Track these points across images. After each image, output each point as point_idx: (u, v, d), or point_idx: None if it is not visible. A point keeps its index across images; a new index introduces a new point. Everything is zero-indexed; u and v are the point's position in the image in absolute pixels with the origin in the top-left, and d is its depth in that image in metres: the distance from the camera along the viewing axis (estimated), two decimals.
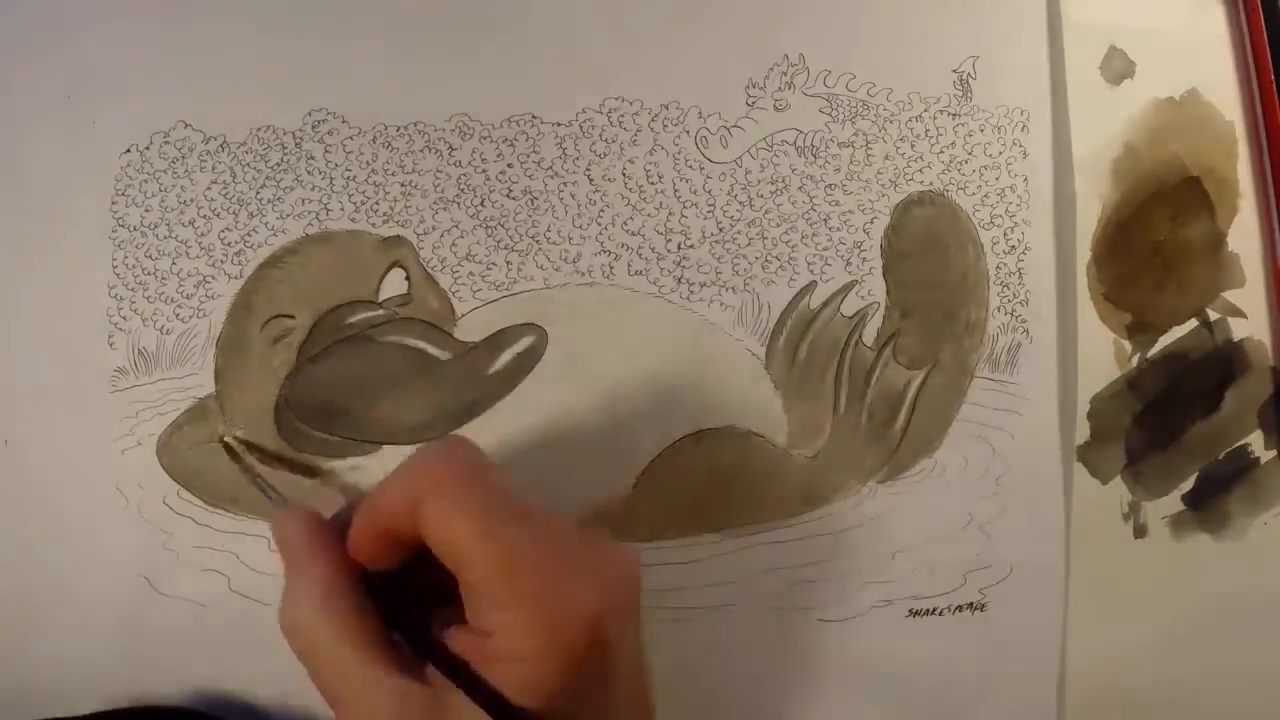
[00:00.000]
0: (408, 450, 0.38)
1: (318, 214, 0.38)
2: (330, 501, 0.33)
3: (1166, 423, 0.44)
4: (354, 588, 0.28)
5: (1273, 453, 0.45)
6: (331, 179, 0.38)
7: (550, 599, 0.25)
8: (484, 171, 0.38)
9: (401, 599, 0.29)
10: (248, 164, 0.37)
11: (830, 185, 0.41)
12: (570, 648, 0.25)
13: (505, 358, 0.38)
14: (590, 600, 0.26)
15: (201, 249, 0.37)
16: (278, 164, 0.37)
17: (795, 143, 0.40)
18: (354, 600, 0.28)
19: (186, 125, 0.37)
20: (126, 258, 0.37)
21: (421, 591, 0.28)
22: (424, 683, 0.26)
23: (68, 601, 0.36)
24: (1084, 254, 0.43)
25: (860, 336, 0.41)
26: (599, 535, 0.29)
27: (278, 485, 0.36)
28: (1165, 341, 0.44)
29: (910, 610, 0.41)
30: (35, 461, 0.36)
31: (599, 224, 0.39)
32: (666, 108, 0.39)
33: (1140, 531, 0.44)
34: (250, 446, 0.36)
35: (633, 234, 0.39)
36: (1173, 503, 0.44)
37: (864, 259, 0.41)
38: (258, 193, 0.37)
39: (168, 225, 0.37)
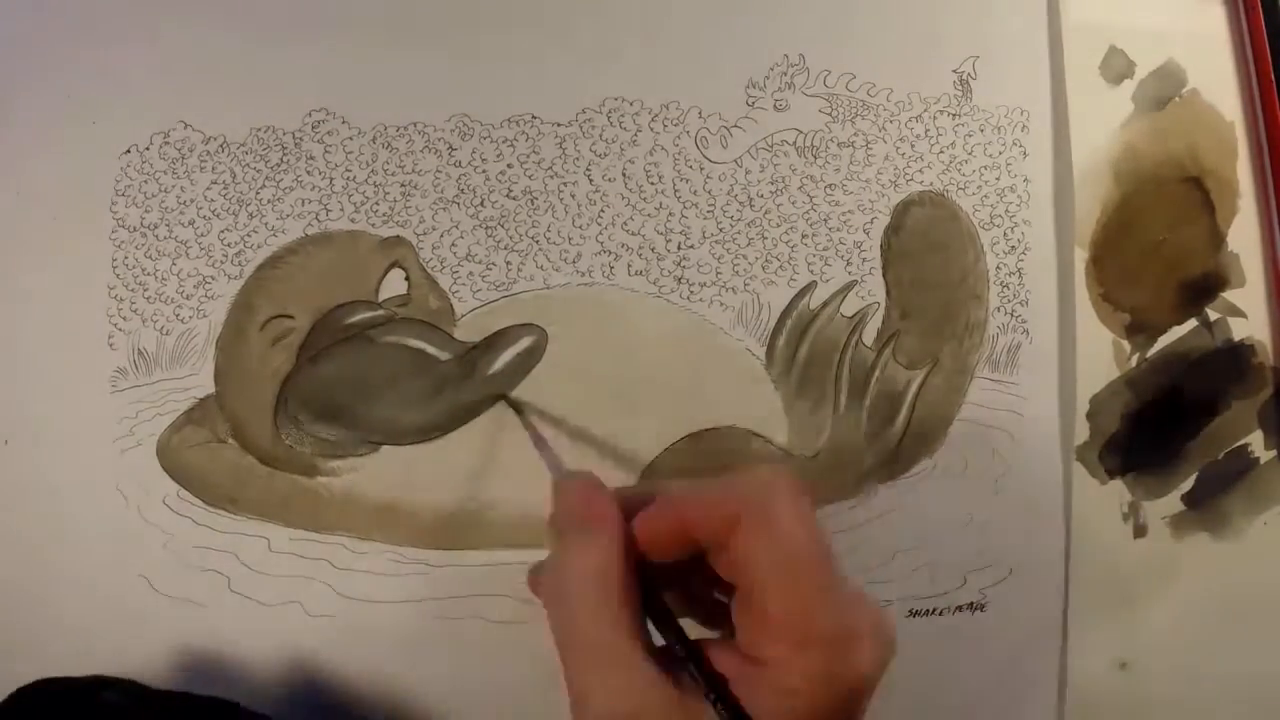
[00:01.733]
0: (408, 450, 0.38)
1: (317, 214, 0.38)
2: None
3: (1166, 423, 0.44)
4: (631, 570, 0.28)
5: (1273, 453, 0.45)
6: (331, 179, 0.38)
7: (840, 649, 0.25)
8: (484, 172, 0.38)
9: (667, 592, 0.29)
10: (248, 164, 0.37)
11: (830, 185, 0.41)
12: (839, 700, 0.25)
13: (505, 358, 0.38)
14: (870, 660, 0.26)
15: (201, 249, 0.37)
16: (278, 164, 0.37)
17: (795, 143, 0.40)
18: (629, 581, 0.27)
19: (186, 125, 0.37)
20: (126, 258, 0.37)
21: (687, 593, 0.28)
22: (672, 682, 0.26)
23: (68, 601, 0.36)
24: (1084, 254, 0.43)
25: (860, 336, 0.41)
26: (869, 596, 0.29)
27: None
28: (1165, 341, 0.44)
29: (910, 610, 0.41)
30: (35, 461, 0.36)
31: (599, 224, 0.39)
32: (666, 108, 0.39)
33: (1140, 531, 0.44)
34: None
35: (633, 234, 0.39)
36: (1173, 503, 0.44)
37: (864, 259, 0.41)
38: (258, 193, 0.37)
39: (168, 226, 0.37)
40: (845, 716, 0.26)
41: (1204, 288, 0.44)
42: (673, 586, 0.30)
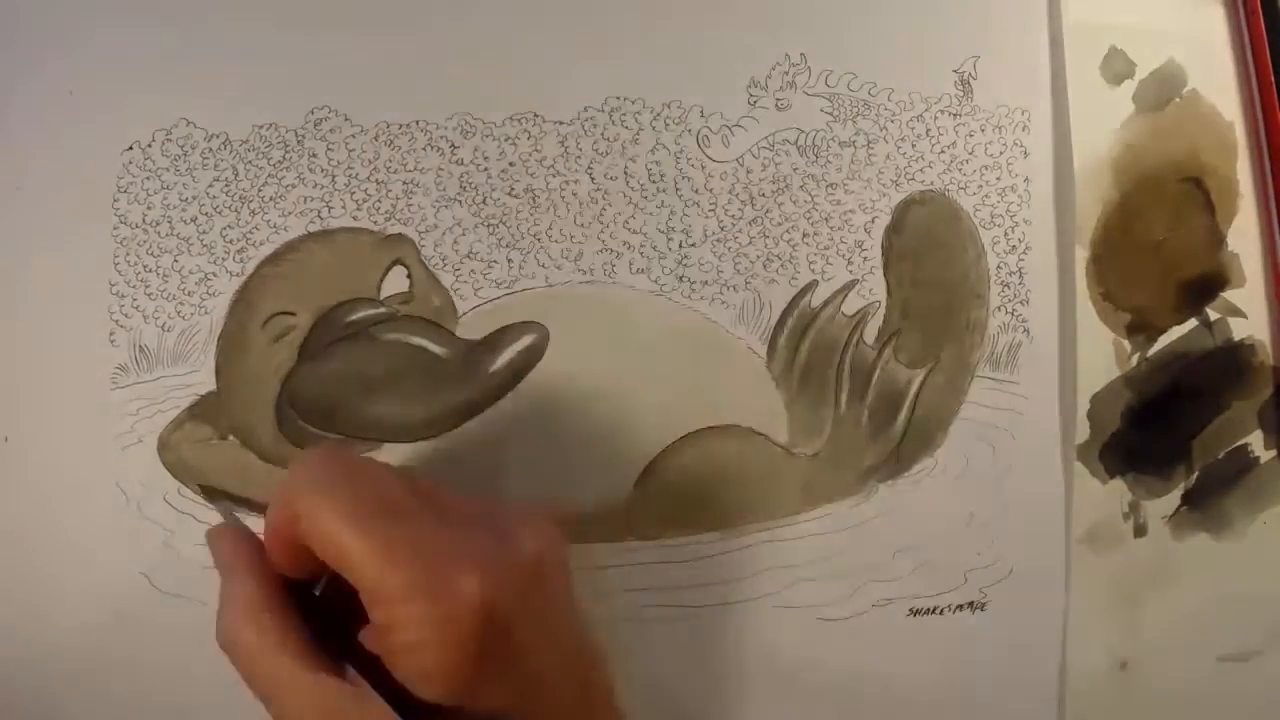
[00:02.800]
0: (409, 448, 0.38)
1: (319, 212, 0.38)
2: None
3: (1166, 422, 0.44)
4: (278, 597, 0.28)
5: (1273, 453, 0.45)
6: (334, 177, 0.38)
7: (432, 591, 0.25)
8: (486, 170, 0.38)
9: (330, 607, 0.29)
10: (250, 161, 0.37)
11: (831, 184, 0.41)
12: (462, 637, 0.25)
13: (506, 356, 0.38)
14: (476, 589, 0.25)
15: (203, 246, 0.37)
16: (280, 161, 0.37)
17: (797, 142, 0.40)
18: (277, 608, 0.28)
19: (189, 123, 0.37)
20: (128, 255, 0.37)
21: (346, 598, 0.28)
22: (348, 682, 0.27)
23: (68, 599, 0.36)
24: (1084, 254, 0.43)
25: (861, 335, 0.41)
26: (503, 516, 0.29)
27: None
28: (1165, 341, 0.44)
29: (911, 610, 0.41)
30: (36, 458, 0.36)
31: (601, 222, 0.39)
32: (668, 106, 0.39)
33: (1140, 531, 0.44)
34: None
35: (634, 232, 0.39)
36: (1173, 503, 0.44)
37: (865, 258, 0.41)
38: (260, 190, 0.37)
39: (169, 222, 0.37)
40: (499, 649, 0.26)
41: (1204, 288, 0.44)
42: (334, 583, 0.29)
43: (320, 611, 0.29)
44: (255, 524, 0.37)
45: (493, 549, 0.27)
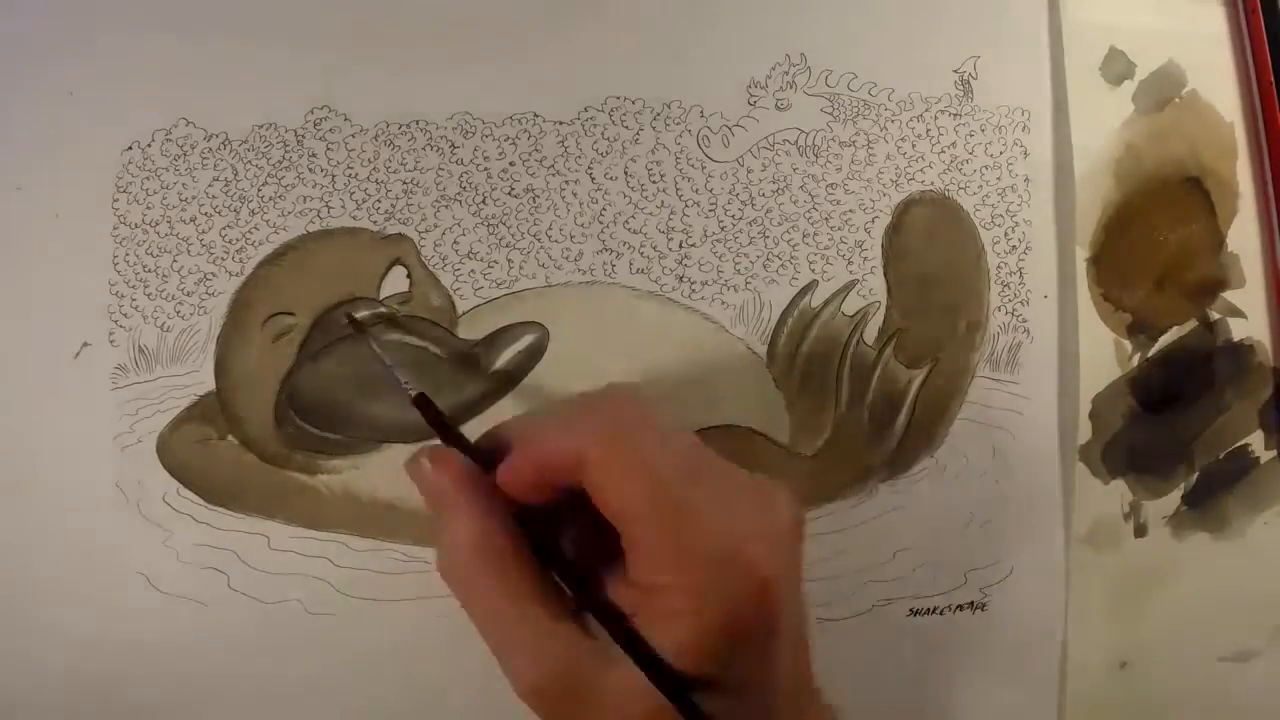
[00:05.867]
0: (409, 449, 0.38)
1: (319, 211, 0.37)
2: None
3: (1166, 423, 0.44)
4: (509, 530, 0.27)
5: (1273, 453, 0.45)
6: (333, 176, 0.38)
7: (720, 562, 0.24)
8: (486, 169, 0.38)
9: (555, 536, 0.28)
10: (249, 161, 0.37)
11: (832, 184, 0.41)
12: (737, 611, 0.24)
13: (507, 356, 0.38)
14: (760, 565, 0.25)
15: (202, 246, 0.37)
16: (279, 161, 0.37)
17: (797, 142, 0.40)
18: (511, 543, 0.26)
19: (188, 122, 0.37)
20: (128, 255, 0.37)
21: (577, 534, 0.27)
22: (585, 631, 0.26)
23: (67, 599, 0.36)
24: (1084, 254, 0.43)
25: (861, 335, 0.41)
26: (767, 488, 0.28)
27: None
28: (1165, 341, 0.44)
29: (911, 609, 0.41)
30: (35, 458, 0.36)
31: (601, 222, 0.39)
32: (669, 106, 0.39)
33: (1140, 531, 0.44)
34: (381, 319, 0.35)
35: (634, 232, 0.39)
36: (1173, 503, 0.44)
37: (865, 258, 0.41)
38: (259, 190, 0.37)
39: (169, 222, 0.37)
40: (749, 628, 0.25)
41: (1204, 288, 0.44)
42: (566, 525, 0.28)
43: (569, 565, 0.27)
44: (256, 523, 0.37)
45: (770, 524, 0.26)
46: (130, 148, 0.37)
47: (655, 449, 0.26)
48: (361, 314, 0.35)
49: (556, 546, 0.28)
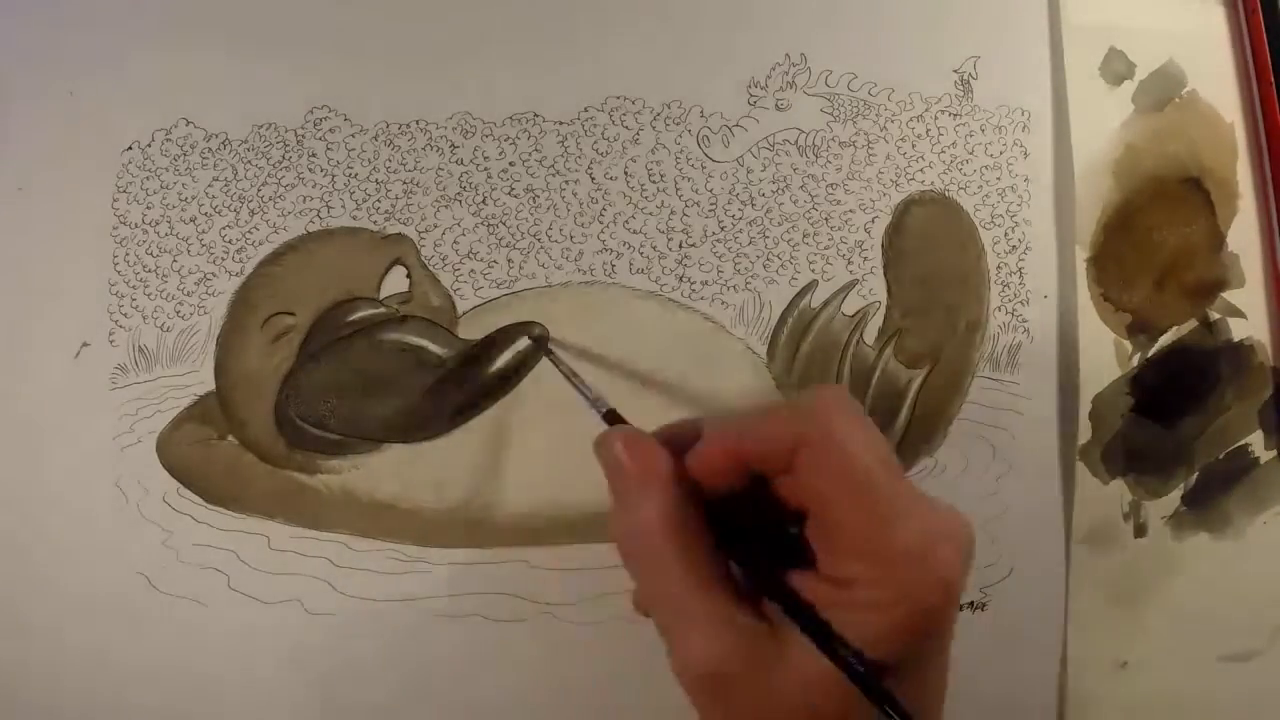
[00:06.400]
0: (408, 448, 0.38)
1: (319, 211, 0.37)
2: None
3: (1167, 423, 0.44)
4: (698, 512, 0.27)
5: (1273, 453, 0.45)
6: (333, 176, 0.38)
7: (921, 558, 0.25)
8: (486, 169, 0.38)
9: (741, 527, 0.28)
10: (249, 161, 0.37)
11: (832, 184, 0.41)
12: (928, 608, 0.25)
13: (506, 356, 0.38)
14: (954, 564, 0.25)
15: (202, 246, 0.37)
16: (279, 161, 0.37)
17: (797, 142, 0.40)
18: (698, 525, 0.27)
19: (188, 122, 0.37)
20: (128, 255, 0.37)
21: (758, 524, 0.28)
22: (757, 617, 0.26)
23: (67, 598, 0.36)
24: (1084, 254, 0.43)
25: (861, 335, 0.41)
26: (941, 499, 0.28)
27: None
28: (1165, 341, 0.44)
29: None
30: (35, 458, 0.36)
31: (601, 222, 0.39)
32: (669, 106, 0.39)
33: (1140, 531, 0.44)
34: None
35: (634, 232, 0.39)
36: (1173, 503, 0.44)
37: (865, 258, 0.41)
38: (259, 190, 0.37)
39: (169, 222, 0.37)
40: (934, 625, 0.26)
41: (1204, 288, 0.44)
42: (739, 518, 0.29)
43: (756, 553, 0.28)
44: (255, 523, 0.37)
45: (955, 525, 0.27)
46: (130, 148, 0.37)
47: (868, 442, 0.27)
48: (537, 332, 0.37)
49: (744, 536, 0.28)
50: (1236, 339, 0.45)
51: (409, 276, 0.38)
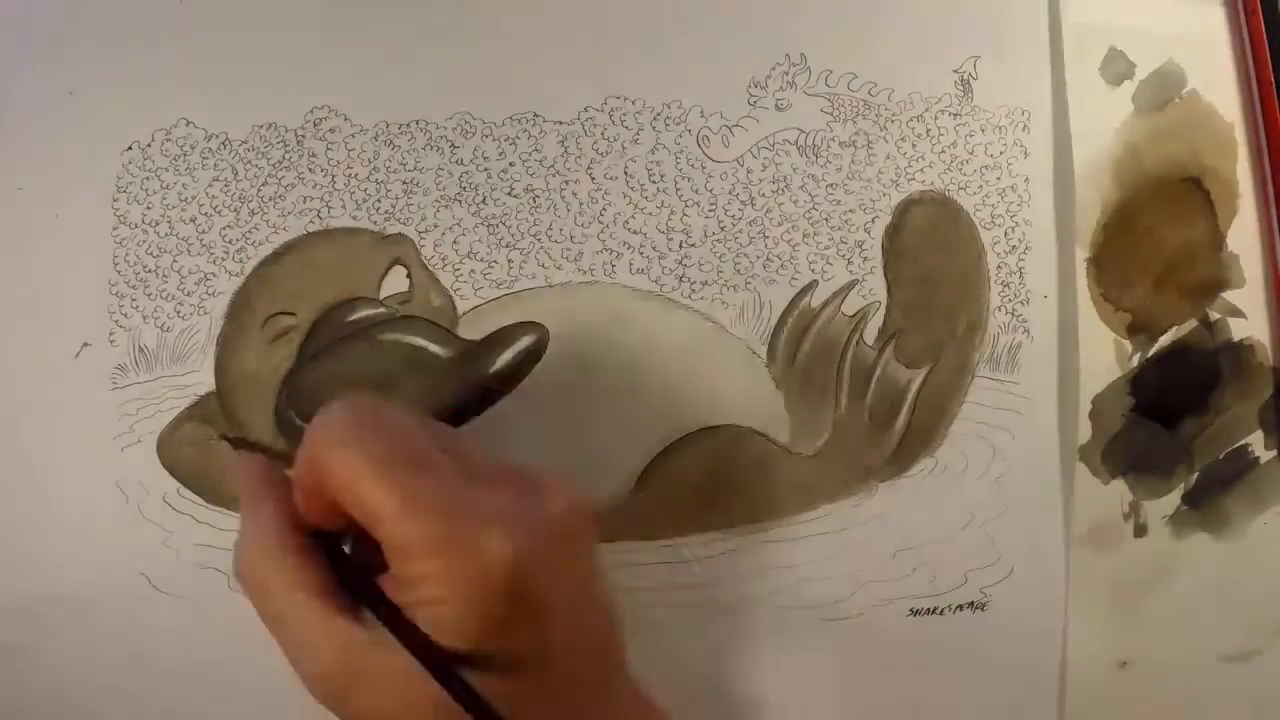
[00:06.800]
0: None
1: (319, 211, 0.37)
2: None
3: (1167, 423, 0.44)
4: (299, 536, 0.27)
5: (1273, 453, 0.45)
6: (333, 177, 0.38)
7: (457, 546, 0.25)
8: (486, 169, 0.38)
9: (358, 558, 0.28)
10: (249, 161, 0.37)
11: (832, 185, 0.41)
12: (486, 594, 0.25)
13: (507, 356, 0.38)
14: (501, 548, 0.25)
15: (202, 246, 0.37)
16: (279, 161, 0.37)
17: (797, 142, 0.40)
18: (298, 547, 0.27)
19: (188, 122, 0.37)
20: (128, 255, 0.37)
21: (373, 549, 0.28)
22: (361, 624, 0.26)
23: (67, 599, 0.36)
24: (1084, 254, 0.43)
25: (861, 335, 0.41)
26: (536, 477, 0.28)
27: None
28: (1165, 341, 0.44)
29: (911, 609, 0.41)
30: (35, 459, 0.36)
31: (601, 222, 0.39)
32: (669, 106, 0.39)
33: (1140, 531, 0.44)
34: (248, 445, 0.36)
35: (634, 232, 0.39)
36: (1173, 503, 0.44)
37: (865, 258, 0.41)
38: (259, 190, 0.37)
39: (169, 222, 0.37)
40: (524, 607, 0.25)
41: (1204, 288, 0.44)
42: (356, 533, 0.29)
43: (344, 561, 0.28)
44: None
45: (520, 506, 0.27)
46: (130, 148, 0.37)
47: (378, 442, 0.26)
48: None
49: (341, 554, 0.28)
50: (1236, 339, 0.45)
51: (409, 276, 0.38)
